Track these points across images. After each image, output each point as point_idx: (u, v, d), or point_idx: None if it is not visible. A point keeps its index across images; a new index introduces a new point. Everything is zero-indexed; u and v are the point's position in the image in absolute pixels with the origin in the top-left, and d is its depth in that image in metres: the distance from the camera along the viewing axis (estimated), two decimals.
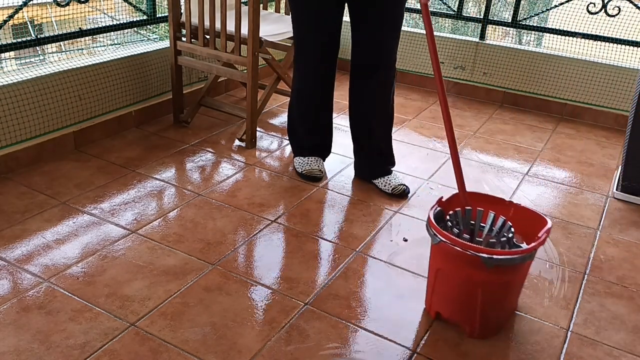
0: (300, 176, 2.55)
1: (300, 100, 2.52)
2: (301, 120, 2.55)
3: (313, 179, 2.53)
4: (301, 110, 2.54)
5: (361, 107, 2.46)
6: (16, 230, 2.03)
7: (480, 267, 1.56)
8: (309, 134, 2.57)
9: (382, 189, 2.46)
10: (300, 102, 2.53)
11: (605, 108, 3.44)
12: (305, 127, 2.56)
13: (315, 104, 2.51)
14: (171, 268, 1.89)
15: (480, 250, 1.55)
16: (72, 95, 2.59)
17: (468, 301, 1.66)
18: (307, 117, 2.54)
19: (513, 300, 1.80)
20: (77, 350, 1.54)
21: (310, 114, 2.53)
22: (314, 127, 2.56)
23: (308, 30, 2.35)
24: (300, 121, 2.56)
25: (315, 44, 2.36)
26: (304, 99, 2.51)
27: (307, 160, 2.56)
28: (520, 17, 3.54)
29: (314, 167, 2.54)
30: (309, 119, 2.54)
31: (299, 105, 2.53)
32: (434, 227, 1.64)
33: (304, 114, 2.54)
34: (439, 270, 1.70)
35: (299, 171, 2.55)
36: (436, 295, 1.74)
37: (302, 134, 2.57)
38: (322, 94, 2.49)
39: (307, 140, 2.57)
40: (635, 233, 2.32)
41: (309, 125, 2.56)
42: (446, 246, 1.60)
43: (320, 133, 2.58)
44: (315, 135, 2.58)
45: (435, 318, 1.75)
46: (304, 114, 2.54)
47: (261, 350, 1.59)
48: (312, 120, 2.55)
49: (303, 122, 2.55)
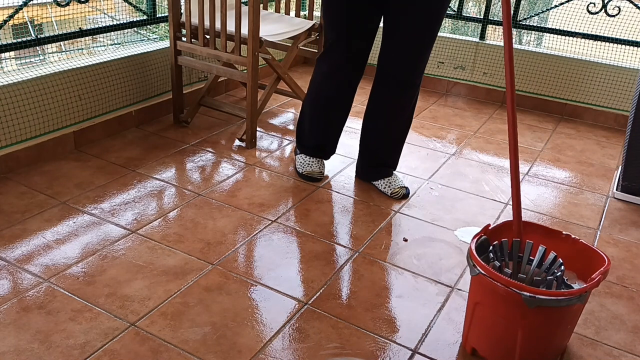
0: (300, 175, 2.53)
1: (318, 101, 2.44)
2: (313, 120, 2.48)
3: (312, 179, 2.51)
4: (317, 111, 2.46)
5: (378, 118, 2.40)
6: (16, 230, 2.03)
7: (521, 306, 1.43)
8: (318, 135, 2.51)
9: (382, 191, 2.46)
10: (316, 102, 2.45)
11: (605, 108, 3.44)
12: (316, 127, 2.49)
13: (333, 108, 2.44)
14: (171, 268, 1.89)
15: (522, 287, 1.43)
16: (72, 95, 2.59)
17: (507, 342, 1.54)
18: (321, 118, 2.48)
19: (558, 343, 1.63)
20: (77, 350, 1.54)
21: (325, 116, 2.47)
22: (325, 128, 2.51)
23: (342, 34, 2.24)
24: (312, 120, 2.49)
25: (348, 49, 2.26)
26: (323, 100, 2.43)
27: (308, 161, 2.53)
28: (520, 17, 3.54)
29: (314, 169, 2.51)
30: (323, 120, 2.48)
31: (315, 105, 2.46)
32: (474, 257, 1.52)
33: (318, 115, 2.47)
34: (477, 304, 1.58)
35: (300, 171, 2.53)
36: (473, 330, 1.63)
37: (310, 132, 2.51)
38: (344, 99, 2.42)
39: (314, 140, 2.52)
40: (635, 233, 2.32)
41: (321, 126, 2.50)
42: (485, 279, 1.49)
43: (330, 135, 2.53)
44: (324, 136, 2.52)
45: (472, 354, 1.64)
46: (319, 116, 2.47)
47: (261, 350, 1.59)
48: (326, 122, 2.49)
49: (315, 122, 2.49)
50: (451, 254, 2.09)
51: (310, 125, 2.50)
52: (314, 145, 2.53)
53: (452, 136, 3.11)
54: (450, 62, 3.74)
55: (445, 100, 3.67)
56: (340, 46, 2.27)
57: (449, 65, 3.75)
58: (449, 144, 3.01)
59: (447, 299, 1.86)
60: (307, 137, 2.53)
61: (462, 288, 1.91)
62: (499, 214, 2.39)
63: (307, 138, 2.53)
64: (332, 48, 2.29)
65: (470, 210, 2.39)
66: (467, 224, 2.29)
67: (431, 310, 1.80)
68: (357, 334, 1.68)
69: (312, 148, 2.54)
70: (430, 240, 2.17)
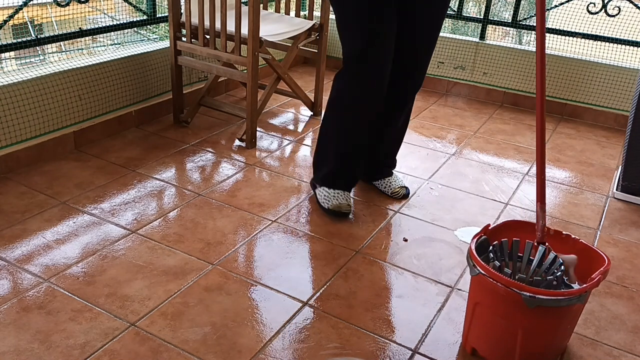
0: (326, 211, 2.24)
1: (346, 114, 2.15)
2: (341, 145, 2.19)
3: (342, 214, 2.23)
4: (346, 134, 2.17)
5: (379, 118, 2.24)
6: (16, 230, 2.03)
7: (521, 307, 1.43)
8: (346, 162, 2.23)
9: (382, 191, 2.46)
10: (344, 117, 2.16)
11: (605, 108, 3.44)
12: (343, 153, 2.21)
13: (365, 128, 2.18)
14: (171, 268, 1.89)
15: (522, 288, 1.42)
16: (72, 95, 2.59)
17: (507, 342, 1.53)
18: (352, 141, 2.19)
19: (558, 343, 1.62)
20: (77, 350, 1.54)
21: (356, 138, 2.19)
22: (354, 153, 2.23)
23: (373, 40, 1.99)
24: (338, 145, 2.20)
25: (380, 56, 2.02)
26: (351, 111, 2.15)
27: (334, 193, 2.24)
28: (520, 17, 3.54)
29: (342, 202, 2.22)
30: (354, 144, 2.20)
31: (341, 121, 2.17)
32: (474, 257, 1.52)
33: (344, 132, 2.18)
34: (477, 304, 1.58)
35: (325, 206, 2.23)
36: (473, 330, 1.62)
37: (335, 160, 2.22)
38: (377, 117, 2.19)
39: (340, 170, 2.23)
40: (635, 233, 2.32)
41: (349, 150, 2.21)
42: (485, 280, 1.48)
43: (358, 162, 2.27)
44: (352, 163, 2.25)
45: (472, 354, 1.64)
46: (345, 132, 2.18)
47: (261, 350, 1.59)
48: (356, 146, 2.21)
49: (342, 147, 2.20)
50: (451, 254, 2.09)
51: (336, 152, 2.22)
52: (341, 176, 2.26)
53: (452, 136, 3.11)
54: (450, 62, 3.74)
55: (445, 100, 3.67)
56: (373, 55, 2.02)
57: (449, 65, 3.75)
58: (449, 144, 3.01)
59: (447, 299, 1.86)
60: (331, 166, 2.24)
61: (462, 288, 1.91)
62: (499, 214, 2.39)
63: (332, 168, 2.24)
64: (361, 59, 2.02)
65: (470, 210, 2.39)
66: (467, 224, 2.29)
67: (431, 310, 1.80)
68: (357, 334, 1.68)
69: (339, 179, 2.26)
70: (430, 240, 2.17)
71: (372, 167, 2.46)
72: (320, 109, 3.23)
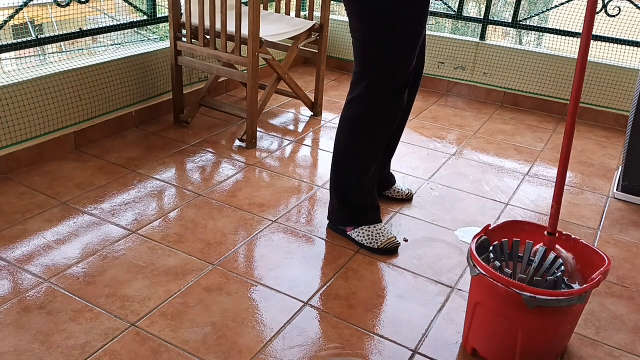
0: (378, 252, 2.03)
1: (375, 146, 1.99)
2: (367, 174, 2.01)
3: (396, 249, 2.07)
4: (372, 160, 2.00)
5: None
6: (16, 230, 2.03)
7: (521, 307, 1.43)
8: (372, 193, 2.08)
9: (395, 198, 2.39)
10: (372, 149, 1.99)
11: (605, 108, 3.44)
12: (370, 185, 2.05)
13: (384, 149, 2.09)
14: (171, 268, 1.89)
15: (522, 288, 1.42)
16: (72, 95, 2.59)
17: (507, 342, 1.53)
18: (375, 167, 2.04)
19: (559, 344, 1.62)
20: (78, 350, 1.54)
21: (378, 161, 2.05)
22: (374, 181, 2.09)
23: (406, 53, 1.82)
24: (363, 179, 2.01)
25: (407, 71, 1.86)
26: (379, 143, 1.99)
27: (378, 229, 2.06)
28: (521, 17, 3.54)
29: (389, 235, 2.06)
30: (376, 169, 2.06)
31: (370, 155, 1.99)
32: (474, 257, 1.52)
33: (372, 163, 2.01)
34: (477, 304, 1.57)
35: (375, 246, 2.03)
36: (473, 330, 1.62)
37: (366, 195, 2.06)
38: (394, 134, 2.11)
39: (371, 203, 2.08)
40: (635, 233, 2.32)
41: (373, 178, 2.05)
42: (485, 280, 1.48)
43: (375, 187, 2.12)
44: (375, 192, 2.11)
45: (472, 354, 1.63)
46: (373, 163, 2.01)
47: (261, 351, 1.59)
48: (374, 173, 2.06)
49: (369, 176, 2.02)
50: (451, 254, 2.09)
51: (364, 183, 2.04)
52: (374, 206, 2.11)
53: (452, 136, 3.11)
54: (450, 62, 3.74)
55: (445, 101, 3.67)
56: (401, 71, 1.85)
57: (449, 66, 3.75)
58: (449, 144, 3.01)
59: (447, 299, 1.86)
60: (364, 199, 2.07)
61: (462, 288, 1.91)
62: (499, 214, 2.39)
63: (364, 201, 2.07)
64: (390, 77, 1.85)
65: (470, 210, 2.39)
66: (467, 224, 2.29)
67: (431, 310, 1.80)
68: (357, 334, 1.68)
69: (373, 210, 2.11)
70: (430, 240, 2.17)
71: (382, 181, 2.38)
72: (320, 109, 3.23)
